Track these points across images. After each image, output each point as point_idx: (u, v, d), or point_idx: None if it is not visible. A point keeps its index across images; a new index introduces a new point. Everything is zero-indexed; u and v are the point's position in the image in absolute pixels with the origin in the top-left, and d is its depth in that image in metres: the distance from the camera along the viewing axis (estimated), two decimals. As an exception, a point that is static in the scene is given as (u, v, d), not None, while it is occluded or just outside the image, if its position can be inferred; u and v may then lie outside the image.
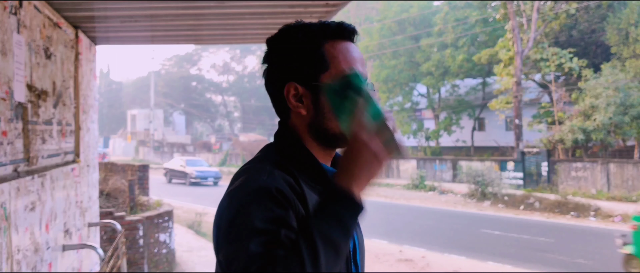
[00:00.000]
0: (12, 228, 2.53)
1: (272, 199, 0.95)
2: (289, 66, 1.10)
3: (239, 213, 0.95)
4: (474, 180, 18.22)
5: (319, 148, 1.13)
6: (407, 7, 29.55)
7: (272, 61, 1.14)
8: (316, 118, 1.10)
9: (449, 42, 26.16)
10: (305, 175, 1.07)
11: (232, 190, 1.01)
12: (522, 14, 21.08)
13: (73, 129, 3.98)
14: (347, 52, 1.10)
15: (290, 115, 1.13)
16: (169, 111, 53.22)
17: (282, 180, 1.00)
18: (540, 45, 21.07)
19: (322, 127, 1.10)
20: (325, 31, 1.10)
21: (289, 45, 1.11)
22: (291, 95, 1.10)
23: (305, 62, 1.09)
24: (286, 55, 1.11)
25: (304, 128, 1.12)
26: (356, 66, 1.09)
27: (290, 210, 0.96)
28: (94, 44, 4.77)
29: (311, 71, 1.08)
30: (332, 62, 1.08)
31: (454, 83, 27.28)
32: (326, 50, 1.09)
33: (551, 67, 20.65)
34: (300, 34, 1.10)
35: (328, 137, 1.11)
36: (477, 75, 27.04)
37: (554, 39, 22.48)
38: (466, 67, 25.39)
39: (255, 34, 4.91)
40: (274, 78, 1.13)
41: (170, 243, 8.24)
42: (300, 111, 1.10)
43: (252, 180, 1.00)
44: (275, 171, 1.02)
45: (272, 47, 1.14)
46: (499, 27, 23.52)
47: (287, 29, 1.13)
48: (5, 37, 2.54)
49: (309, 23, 1.12)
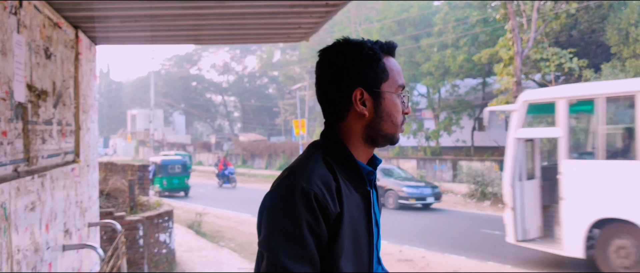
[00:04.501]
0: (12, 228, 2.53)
1: (306, 204, 1.15)
2: (357, 73, 1.29)
3: (275, 213, 1.17)
4: (474, 180, 18.21)
5: (364, 147, 1.33)
6: (407, 7, 29.54)
7: (337, 68, 1.30)
8: (374, 120, 1.30)
9: (449, 42, 26.15)
10: (345, 171, 1.26)
11: (273, 190, 1.22)
12: (522, 14, 21.08)
13: (73, 129, 3.98)
14: (395, 66, 1.33)
15: (347, 117, 1.31)
16: (169, 111, 53.22)
17: (320, 181, 1.19)
18: (540, 45, 21.06)
19: (378, 128, 1.30)
20: (383, 47, 1.32)
21: (357, 55, 1.29)
22: (358, 99, 1.28)
23: (372, 72, 1.29)
24: (354, 64, 1.29)
25: (361, 128, 1.31)
26: (401, 77, 1.34)
27: (320, 217, 1.16)
28: (94, 44, 4.77)
29: (376, 80, 1.29)
30: (390, 74, 1.31)
31: (454, 83, 27.27)
32: (385, 63, 1.31)
33: (551, 67, 20.64)
34: (365, 48, 1.29)
35: (381, 137, 1.31)
36: (477, 75, 27.03)
37: (554, 39, 22.47)
38: (466, 67, 25.38)
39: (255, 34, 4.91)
40: (339, 83, 1.30)
41: (170, 243, 8.24)
42: (364, 113, 1.29)
43: (292, 182, 1.19)
44: (316, 169, 1.21)
45: (336, 56, 1.31)
46: (499, 27, 23.52)
47: (350, 42, 1.31)
48: (5, 37, 2.54)
49: (367, 40, 1.33)
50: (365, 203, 1.28)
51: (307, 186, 1.16)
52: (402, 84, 1.33)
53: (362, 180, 1.28)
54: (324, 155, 1.27)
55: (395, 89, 1.31)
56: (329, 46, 1.34)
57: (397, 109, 1.31)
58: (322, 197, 1.17)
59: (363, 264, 1.25)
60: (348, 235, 1.20)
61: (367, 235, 1.27)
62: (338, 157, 1.27)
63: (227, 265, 8.68)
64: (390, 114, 1.30)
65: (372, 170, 1.33)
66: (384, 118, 1.30)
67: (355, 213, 1.24)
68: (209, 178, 29.56)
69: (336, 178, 1.22)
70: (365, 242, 1.26)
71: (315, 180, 1.18)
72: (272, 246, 1.15)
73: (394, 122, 1.31)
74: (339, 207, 1.19)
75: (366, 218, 1.27)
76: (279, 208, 1.17)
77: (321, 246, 1.17)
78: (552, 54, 20.64)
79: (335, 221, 1.18)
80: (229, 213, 15.52)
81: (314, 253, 1.15)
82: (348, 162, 1.28)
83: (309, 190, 1.16)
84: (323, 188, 1.18)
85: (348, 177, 1.26)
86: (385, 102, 1.30)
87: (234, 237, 11.97)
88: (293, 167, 1.26)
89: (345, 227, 1.19)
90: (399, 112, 1.32)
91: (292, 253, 1.13)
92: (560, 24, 21.80)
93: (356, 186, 1.27)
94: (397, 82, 1.31)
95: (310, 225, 1.15)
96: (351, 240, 1.21)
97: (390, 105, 1.30)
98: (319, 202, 1.16)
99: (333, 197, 1.19)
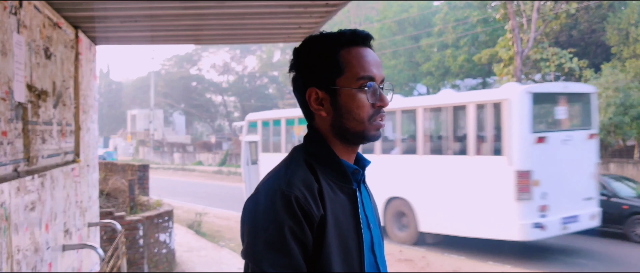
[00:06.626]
0: (12, 228, 2.53)
1: (287, 209, 1.10)
2: (309, 73, 1.23)
3: (256, 221, 1.13)
4: (474, 180, 18.16)
5: (342, 147, 1.25)
6: (407, 7, 29.53)
7: (296, 69, 1.27)
8: (336, 118, 1.22)
9: (449, 42, 26.14)
10: (327, 171, 1.21)
11: (253, 196, 1.18)
12: (522, 14, 21.07)
13: (73, 129, 3.98)
14: (361, 57, 1.21)
15: (315, 118, 1.26)
16: (169, 111, 53.19)
17: (301, 184, 1.14)
18: (540, 45, 21.06)
19: (342, 126, 1.22)
20: (340, 39, 1.22)
21: (309, 53, 1.24)
22: (312, 99, 1.23)
23: (323, 68, 1.21)
24: (307, 63, 1.24)
25: (327, 128, 1.24)
26: (371, 69, 1.21)
27: (304, 222, 1.11)
28: (94, 44, 4.77)
29: (328, 76, 1.21)
30: (347, 67, 1.20)
31: (454, 83, 27.26)
32: (342, 56, 1.21)
33: (551, 67, 20.64)
34: (318, 43, 1.23)
35: (349, 135, 1.23)
36: (477, 75, 27.02)
37: (554, 39, 22.46)
38: (466, 67, 25.37)
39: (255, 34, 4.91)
40: (298, 84, 1.26)
41: (170, 243, 8.24)
42: (321, 113, 1.23)
43: (272, 187, 1.15)
44: (297, 172, 1.16)
45: (296, 56, 1.27)
46: (499, 27, 23.51)
47: (308, 40, 1.26)
48: (5, 37, 2.54)
49: (328, 33, 1.25)
50: (352, 203, 1.22)
51: (288, 190, 1.12)
52: (367, 76, 1.20)
53: (346, 179, 1.22)
54: (306, 157, 1.21)
55: (356, 83, 1.20)
56: (297, 46, 1.29)
57: (359, 103, 1.20)
58: (304, 200, 1.12)
59: (352, 267, 1.18)
60: (334, 237, 1.15)
61: (356, 236, 1.20)
62: (320, 158, 1.22)
63: (227, 265, 8.68)
64: (349, 110, 1.20)
65: (358, 169, 1.25)
66: (343, 115, 1.21)
67: (341, 215, 1.18)
68: (209, 179, 29.55)
69: (318, 179, 1.17)
70: (354, 244, 1.19)
71: (296, 183, 1.14)
72: (255, 255, 1.10)
73: (357, 118, 1.20)
74: (323, 210, 1.14)
75: (354, 219, 1.21)
76: (260, 215, 1.12)
77: (307, 252, 1.12)
78: (552, 54, 20.63)
79: (320, 224, 1.13)
80: (229, 213, 15.52)
81: (299, 261, 1.10)
82: (330, 161, 1.22)
83: (290, 194, 1.11)
84: (305, 191, 1.13)
85: (331, 178, 1.20)
86: (342, 98, 1.20)
87: (234, 237, 11.96)
88: (274, 171, 1.21)
89: (329, 230, 1.14)
90: (362, 107, 1.20)
91: (276, 262, 1.08)
92: (560, 24, 21.80)
93: (341, 186, 1.21)
94: (357, 75, 1.20)
95: (294, 231, 1.10)
96: (338, 244, 1.16)
97: (348, 100, 1.20)
98: (301, 205, 1.11)
99: (316, 200, 1.13)
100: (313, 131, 1.27)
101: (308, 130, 1.28)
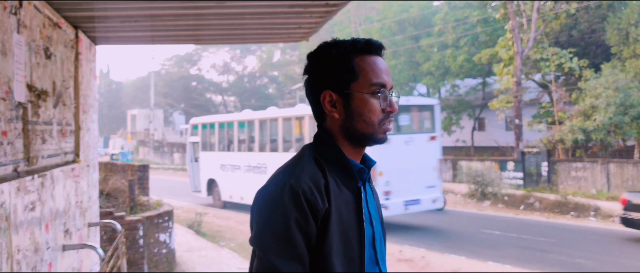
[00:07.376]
0: (12, 228, 2.53)
1: (294, 202, 1.17)
2: (324, 77, 1.32)
3: (264, 211, 1.20)
4: (474, 180, 18.19)
5: (350, 147, 1.33)
6: (407, 7, 29.53)
7: (311, 73, 1.35)
8: (347, 120, 1.30)
9: (449, 42, 26.14)
10: (335, 169, 1.28)
11: (263, 188, 1.25)
12: (522, 14, 21.08)
13: (73, 129, 3.98)
14: (374, 65, 1.31)
15: (326, 119, 1.33)
16: (169, 111, 53.19)
17: (309, 179, 1.21)
18: (540, 45, 21.06)
19: (352, 128, 1.30)
20: (355, 46, 1.31)
21: (325, 58, 1.32)
22: (326, 101, 1.31)
23: (338, 73, 1.30)
24: (322, 68, 1.32)
25: (337, 129, 1.32)
26: (383, 76, 1.31)
27: (309, 214, 1.18)
28: (94, 44, 4.77)
29: (343, 81, 1.30)
30: (361, 73, 1.29)
31: (454, 83, 27.26)
32: (356, 63, 1.30)
33: (551, 67, 20.63)
34: (334, 49, 1.31)
35: (357, 137, 1.31)
36: (477, 75, 27.02)
37: (554, 39, 22.46)
38: (466, 67, 25.37)
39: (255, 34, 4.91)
40: (313, 87, 1.34)
41: (170, 243, 8.24)
42: (334, 115, 1.31)
43: (282, 180, 1.22)
44: (305, 168, 1.24)
45: (311, 60, 1.35)
46: (499, 27, 23.51)
47: (324, 45, 1.33)
48: (5, 37, 2.54)
49: (343, 40, 1.33)
50: (355, 200, 1.28)
51: (296, 184, 1.19)
52: (379, 83, 1.29)
53: (352, 177, 1.29)
54: (315, 154, 1.29)
55: (368, 89, 1.29)
56: (312, 50, 1.36)
57: (371, 108, 1.29)
58: (311, 194, 1.18)
59: (353, 261, 1.24)
60: (336, 231, 1.21)
61: (358, 232, 1.26)
62: (328, 156, 1.29)
63: (227, 265, 8.68)
64: (361, 113, 1.29)
65: (363, 168, 1.33)
66: (355, 118, 1.29)
67: (345, 210, 1.25)
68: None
69: (325, 176, 1.24)
70: (355, 238, 1.25)
71: (304, 178, 1.21)
72: (262, 244, 1.18)
73: (367, 121, 1.29)
74: (328, 204, 1.21)
75: (357, 214, 1.27)
76: (268, 206, 1.20)
77: (310, 244, 1.19)
78: (552, 54, 20.63)
79: (324, 217, 1.20)
80: (228, 213, 15.52)
81: (303, 252, 1.17)
82: (338, 159, 1.30)
83: (298, 188, 1.18)
84: (312, 186, 1.20)
85: (338, 175, 1.28)
86: (355, 102, 1.29)
87: (234, 237, 11.97)
88: (284, 167, 1.28)
89: (333, 224, 1.21)
90: (374, 111, 1.29)
91: (282, 252, 1.16)
92: (560, 24, 21.80)
93: (346, 183, 1.28)
94: (370, 81, 1.29)
95: (299, 223, 1.17)
96: (340, 237, 1.22)
97: (360, 105, 1.29)
98: (307, 199, 1.18)
99: (322, 194, 1.20)
100: (323, 131, 1.34)
101: (318, 130, 1.36)
